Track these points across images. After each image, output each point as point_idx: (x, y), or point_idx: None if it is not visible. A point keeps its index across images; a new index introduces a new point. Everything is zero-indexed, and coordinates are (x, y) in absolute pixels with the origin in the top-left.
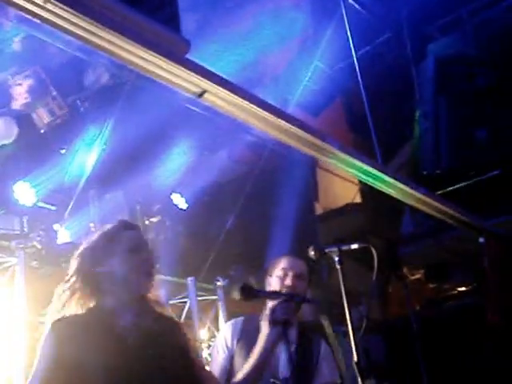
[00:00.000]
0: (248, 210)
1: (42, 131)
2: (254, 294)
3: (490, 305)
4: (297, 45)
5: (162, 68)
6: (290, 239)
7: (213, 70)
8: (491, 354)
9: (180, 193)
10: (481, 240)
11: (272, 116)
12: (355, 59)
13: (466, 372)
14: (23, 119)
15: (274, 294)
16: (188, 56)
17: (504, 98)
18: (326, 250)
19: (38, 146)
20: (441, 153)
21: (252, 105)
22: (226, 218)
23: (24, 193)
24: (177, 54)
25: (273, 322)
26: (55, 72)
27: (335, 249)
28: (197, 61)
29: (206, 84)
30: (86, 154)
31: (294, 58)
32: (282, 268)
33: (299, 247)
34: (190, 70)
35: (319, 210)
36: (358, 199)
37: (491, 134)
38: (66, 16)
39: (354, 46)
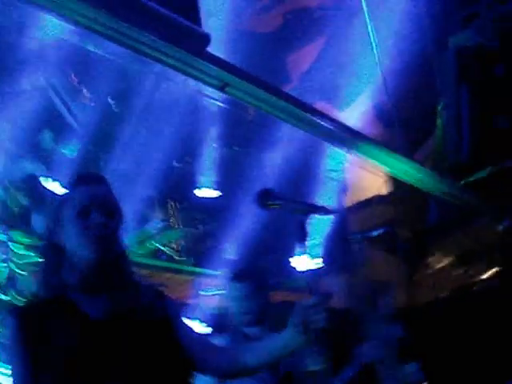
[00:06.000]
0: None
1: None
2: (270, 200)
3: None
4: (323, 41)
5: (183, 62)
6: None
7: (234, 63)
8: None
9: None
10: (502, 227)
11: (294, 108)
12: (377, 52)
13: (493, 355)
14: None
15: (296, 203)
16: (209, 50)
17: None
18: (349, 238)
19: None
20: (463, 143)
21: (275, 97)
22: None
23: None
24: (197, 47)
25: (303, 329)
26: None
27: (358, 236)
28: (217, 54)
29: (227, 77)
30: None
31: (320, 53)
32: None
33: None
34: (210, 63)
35: (348, 202)
36: (386, 191)
37: None
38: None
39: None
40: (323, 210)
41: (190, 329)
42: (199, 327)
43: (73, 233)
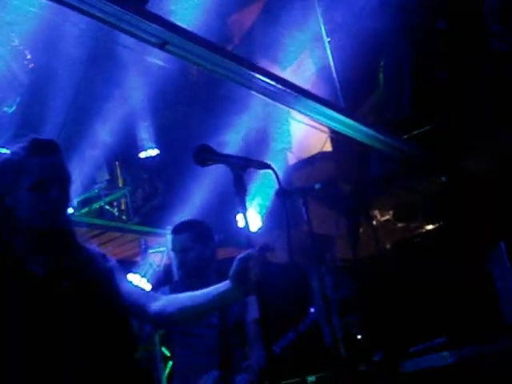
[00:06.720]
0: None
1: None
2: (207, 156)
3: None
4: (264, 1)
5: (121, 19)
6: None
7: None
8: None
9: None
10: (443, 179)
11: (235, 65)
12: (319, 11)
13: (434, 305)
14: None
15: (232, 158)
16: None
17: (463, 42)
18: (291, 192)
19: None
20: (404, 98)
21: (215, 55)
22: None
23: None
24: (136, 5)
25: (241, 280)
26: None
27: (299, 190)
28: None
29: (167, 35)
30: None
31: (261, 13)
32: None
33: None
34: (149, 20)
35: (293, 160)
36: (328, 148)
37: (452, 77)
38: None
39: None
40: (259, 164)
41: (133, 284)
42: (143, 283)
43: (26, 202)
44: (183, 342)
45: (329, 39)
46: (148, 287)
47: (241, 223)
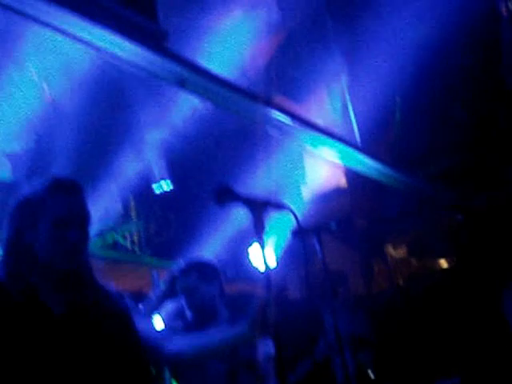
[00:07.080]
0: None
1: None
2: (227, 197)
3: None
4: (278, 37)
5: (141, 57)
6: None
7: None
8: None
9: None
10: (459, 217)
11: (254, 103)
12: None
13: (447, 343)
14: None
15: (252, 199)
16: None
17: (481, 80)
18: (307, 230)
19: None
20: (422, 135)
21: (234, 93)
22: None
23: None
24: (155, 43)
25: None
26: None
27: (314, 229)
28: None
29: (186, 73)
30: None
31: (276, 49)
32: None
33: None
34: (169, 58)
35: (308, 195)
36: (344, 183)
37: (471, 115)
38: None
39: None
40: (278, 206)
41: (148, 324)
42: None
43: (45, 240)
44: (193, 377)
45: (346, 77)
46: (159, 320)
47: (253, 259)
